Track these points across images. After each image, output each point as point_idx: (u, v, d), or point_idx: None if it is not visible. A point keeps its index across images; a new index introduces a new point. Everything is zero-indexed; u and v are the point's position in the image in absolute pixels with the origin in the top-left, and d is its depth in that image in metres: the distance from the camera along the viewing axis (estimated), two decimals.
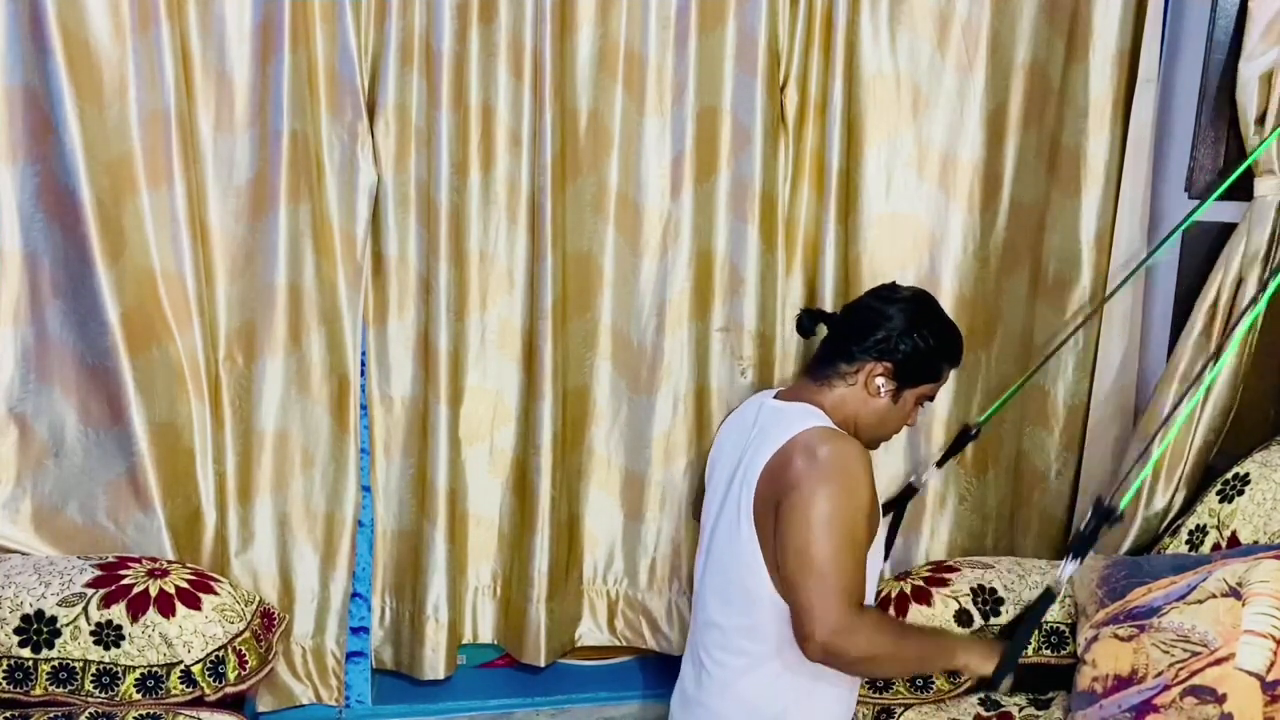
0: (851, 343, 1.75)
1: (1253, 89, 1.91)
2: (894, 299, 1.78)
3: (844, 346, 1.75)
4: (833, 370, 1.75)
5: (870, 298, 1.82)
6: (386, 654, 2.22)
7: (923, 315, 1.77)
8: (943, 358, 1.79)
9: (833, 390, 1.75)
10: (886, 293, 1.81)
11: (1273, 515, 1.90)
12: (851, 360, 1.74)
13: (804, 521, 1.57)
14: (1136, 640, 1.74)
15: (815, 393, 1.76)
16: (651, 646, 2.29)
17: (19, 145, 1.83)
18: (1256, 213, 1.96)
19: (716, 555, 1.75)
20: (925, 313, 1.77)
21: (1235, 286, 1.98)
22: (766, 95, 2.05)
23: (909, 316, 1.75)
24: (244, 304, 2.01)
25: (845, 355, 1.75)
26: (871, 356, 1.73)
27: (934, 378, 1.79)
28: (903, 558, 2.26)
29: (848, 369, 1.74)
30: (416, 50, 1.97)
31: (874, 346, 1.73)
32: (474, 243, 2.06)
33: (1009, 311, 2.24)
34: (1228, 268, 1.98)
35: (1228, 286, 1.99)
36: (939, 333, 1.77)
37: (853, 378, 1.74)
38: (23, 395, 1.92)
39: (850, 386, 1.74)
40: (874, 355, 1.73)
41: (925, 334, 1.74)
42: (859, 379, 1.74)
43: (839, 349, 1.76)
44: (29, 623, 1.73)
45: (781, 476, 1.62)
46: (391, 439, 2.13)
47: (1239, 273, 1.98)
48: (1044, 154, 2.19)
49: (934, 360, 1.77)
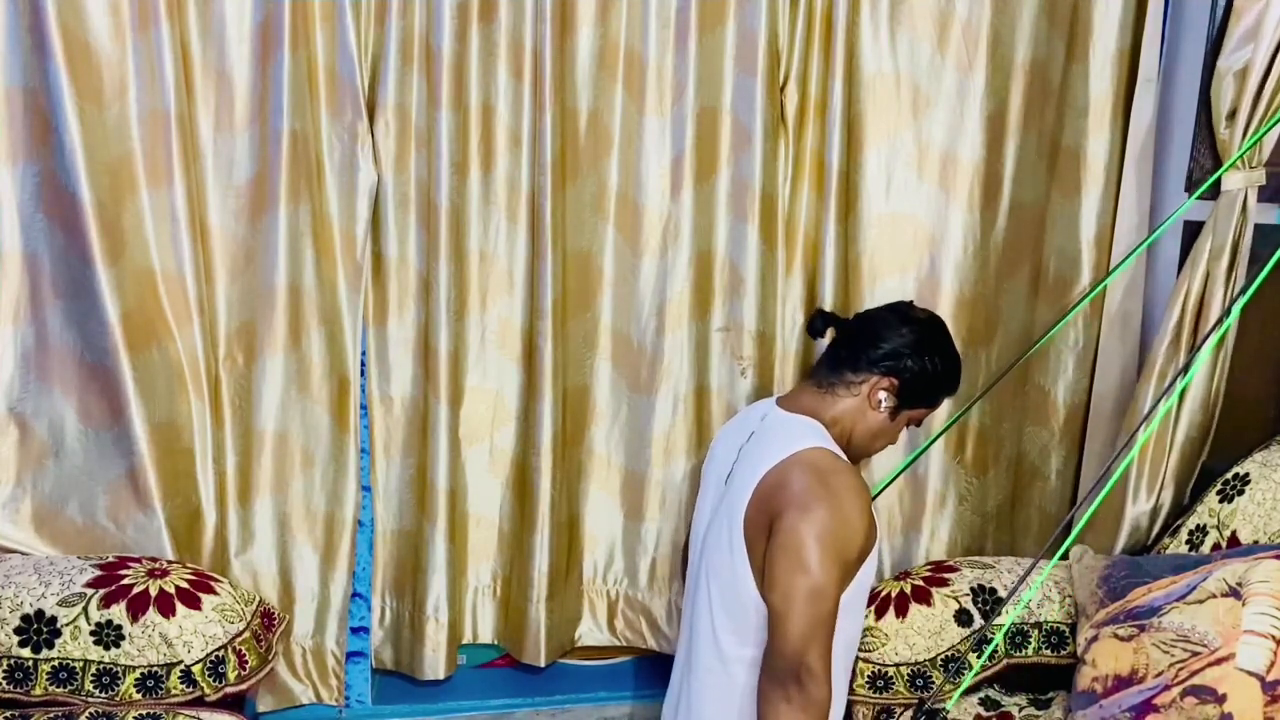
0: (861, 353, 1.75)
1: (1228, 84, 1.91)
2: (910, 318, 1.79)
3: (853, 356, 1.76)
4: (839, 378, 1.75)
5: (886, 311, 1.82)
6: (386, 654, 2.22)
7: (935, 340, 1.78)
8: (944, 386, 1.81)
9: (836, 400, 1.75)
10: (904, 309, 1.82)
11: (1273, 515, 1.90)
12: (858, 370, 1.75)
13: (797, 545, 1.57)
14: (1136, 640, 1.74)
15: (817, 401, 1.76)
16: (651, 646, 2.29)
17: (19, 146, 1.83)
18: (1222, 207, 1.96)
19: (707, 562, 1.75)
20: (937, 338, 1.79)
21: (1204, 282, 1.99)
22: (766, 95, 2.06)
23: (921, 338, 1.76)
24: (244, 304, 2.01)
25: (853, 364, 1.75)
26: (879, 370, 1.74)
27: (930, 404, 1.81)
28: (903, 558, 2.27)
29: (854, 378, 1.75)
30: (416, 50, 1.97)
31: (882, 360, 1.74)
32: (474, 243, 2.06)
33: (1009, 311, 2.24)
34: (1196, 264, 1.99)
35: (1196, 282, 1.99)
36: (946, 360, 1.79)
37: (857, 388, 1.75)
38: (23, 395, 1.92)
39: (854, 397, 1.75)
40: (881, 369, 1.74)
41: (935, 359, 1.76)
42: (863, 390, 1.74)
43: (849, 357, 1.76)
44: (29, 623, 1.74)
45: (778, 494, 1.62)
46: (391, 439, 2.13)
47: (1206, 268, 1.98)
48: (1044, 154, 2.19)
49: (936, 386, 1.79)
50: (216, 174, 1.95)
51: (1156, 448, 2.04)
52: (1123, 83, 2.14)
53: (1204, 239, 1.98)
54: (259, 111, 1.93)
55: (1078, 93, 2.15)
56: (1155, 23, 2.10)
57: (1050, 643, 1.95)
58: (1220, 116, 1.94)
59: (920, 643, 1.93)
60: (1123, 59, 2.13)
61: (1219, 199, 1.96)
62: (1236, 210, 1.95)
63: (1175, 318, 2.01)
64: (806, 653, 1.55)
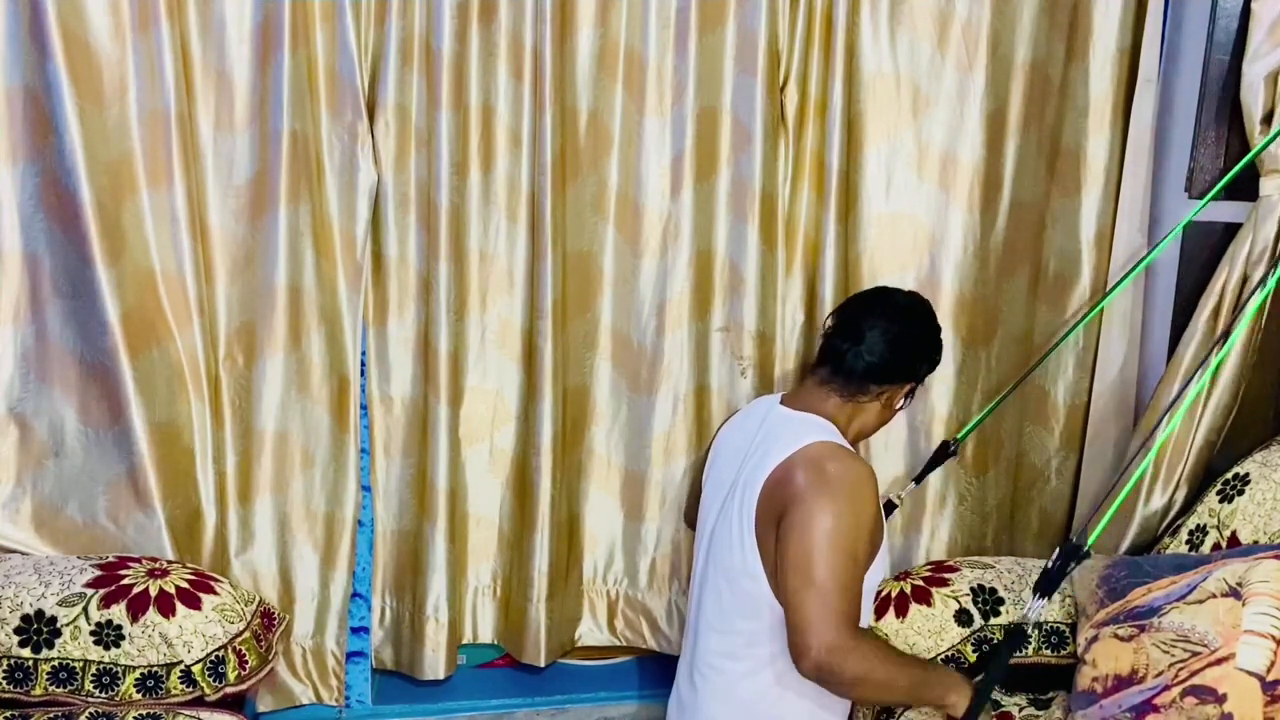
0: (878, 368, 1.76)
1: (1259, 89, 1.91)
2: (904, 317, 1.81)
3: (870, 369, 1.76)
4: (857, 388, 1.76)
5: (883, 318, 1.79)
6: (386, 654, 2.22)
7: (933, 332, 1.84)
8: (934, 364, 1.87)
9: (844, 402, 1.77)
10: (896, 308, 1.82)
11: (1273, 515, 1.90)
12: (881, 383, 1.78)
13: (808, 537, 1.58)
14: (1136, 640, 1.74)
15: (824, 401, 1.77)
16: (651, 646, 2.29)
17: (19, 145, 1.83)
18: (1262, 211, 1.96)
19: (715, 560, 1.75)
20: (933, 328, 1.84)
21: (1240, 285, 1.98)
22: (766, 95, 2.06)
23: (926, 337, 1.82)
24: (244, 304, 2.01)
25: (875, 377, 1.76)
26: (898, 380, 1.79)
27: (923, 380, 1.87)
28: (903, 558, 2.26)
29: (877, 389, 1.78)
30: (416, 50, 1.97)
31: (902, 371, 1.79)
32: (474, 242, 2.06)
33: (1009, 311, 2.24)
34: (1232, 266, 1.98)
35: (1232, 285, 1.99)
36: (939, 340, 1.85)
37: (878, 398, 1.79)
38: (23, 395, 1.92)
39: (876, 402, 1.79)
40: (901, 379, 1.79)
41: (936, 346, 1.84)
42: (882, 399, 1.79)
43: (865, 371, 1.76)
44: (29, 623, 1.73)
45: (786, 488, 1.63)
46: (391, 439, 2.13)
47: (1244, 271, 1.98)
48: (1044, 154, 2.19)
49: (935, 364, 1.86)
50: (216, 174, 1.95)
51: (1175, 449, 2.04)
52: (1123, 83, 2.14)
53: (1240, 242, 1.97)
54: (259, 111, 1.93)
55: (1078, 92, 2.15)
56: (1155, 23, 2.10)
57: (1050, 643, 1.95)
58: (1255, 122, 1.94)
59: (920, 643, 1.92)
60: (1123, 59, 2.13)
61: (1258, 203, 1.96)
62: (1276, 213, 1.94)
63: (1208, 318, 2.00)
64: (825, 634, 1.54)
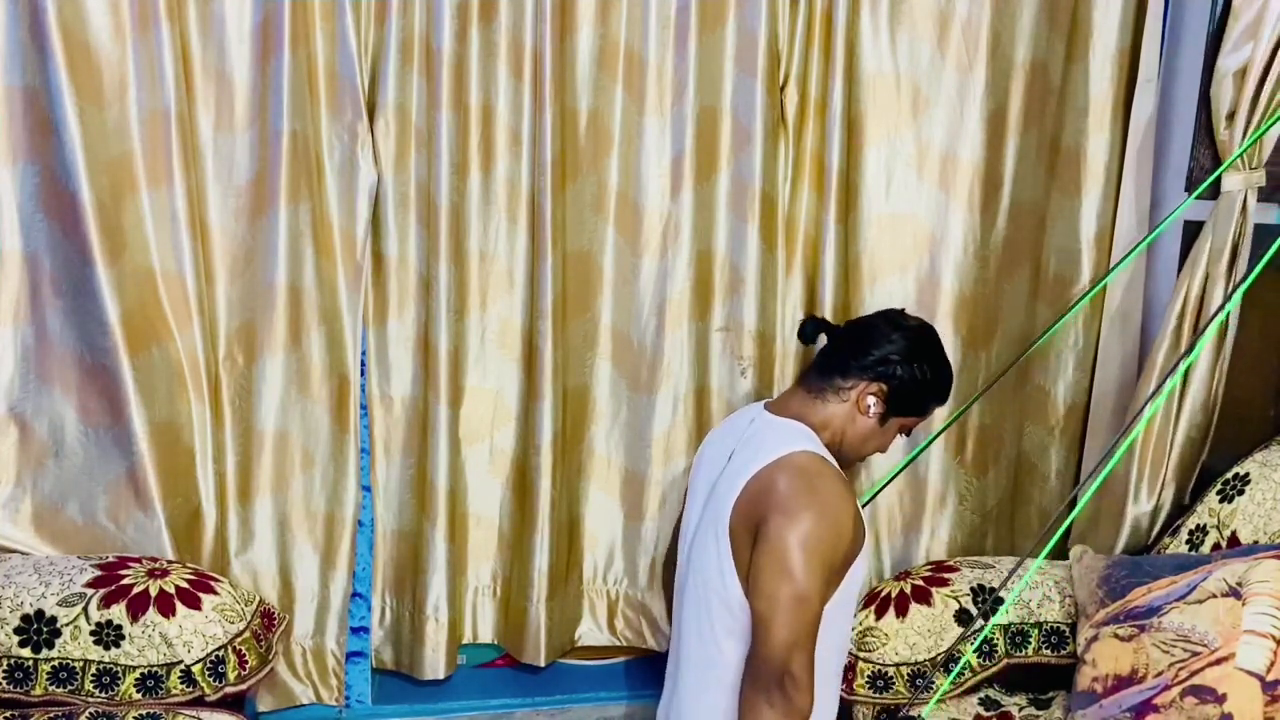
0: (851, 358, 1.75)
1: (1227, 84, 1.91)
2: (901, 325, 1.79)
3: (843, 361, 1.76)
4: (828, 383, 1.76)
5: (878, 318, 1.83)
6: (386, 654, 2.22)
7: (925, 348, 1.79)
8: (933, 394, 1.81)
9: (824, 405, 1.75)
10: (895, 317, 1.82)
11: (1273, 515, 1.90)
12: (847, 375, 1.75)
13: (782, 550, 1.57)
14: (1136, 640, 1.74)
15: (806, 406, 1.76)
16: (651, 646, 2.29)
17: (19, 145, 1.83)
18: (1222, 208, 1.96)
19: (695, 564, 1.75)
20: (928, 346, 1.80)
21: (1203, 283, 1.99)
22: (766, 95, 2.05)
23: (912, 345, 1.77)
24: (244, 304, 2.01)
25: (843, 370, 1.76)
26: (868, 376, 1.74)
27: (920, 412, 1.82)
28: (903, 558, 2.26)
29: (843, 384, 1.75)
30: (416, 50, 1.97)
31: (872, 365, 1.74)
32: (474, 243, 2.06)
33: (1009, 311, 2.24)
34: (1196, 264, 1.99)
35: (1196, 283, 1.99)
36: (936, 369, 1.79)
37: (846, 394, 1.75)
38: (23, 395, 1.92)
39: (842, 403, 1.75)
40: (871, 375, 1.74)
41: (924, 366, 1.76)
42: (851, 395, 1.75)
43: (838, 363, 1.77)
44: (29, 623, 1.74)
45: (765, 496, 1.62)
46: (391, 439, 2.13)
47: (1206, 269, 1.98)
48: (1044, 154, 2.19)
49: (925, 394, 1.80)
50: (216, 174, 1.95)
51: (1157, 448, 2.04)
52: (1123, 82, 2.14)
53: (1204, 239, 1.98)
54: (259, 111, 1.93)
55: (1078, 92, 2.15)
56: (1155, 22, 2.10)
57: (1050, 642, 1.95)
58: (1220, 117, 1.94)
59: (920, 643, 1.93)
60: (1123, 59, 2.13)
61: (1219, 200, 1.96)
62: (1236, 211, 1.95)
63: (1175, 318, 2.01)
64: (790, 659, 1.55)
